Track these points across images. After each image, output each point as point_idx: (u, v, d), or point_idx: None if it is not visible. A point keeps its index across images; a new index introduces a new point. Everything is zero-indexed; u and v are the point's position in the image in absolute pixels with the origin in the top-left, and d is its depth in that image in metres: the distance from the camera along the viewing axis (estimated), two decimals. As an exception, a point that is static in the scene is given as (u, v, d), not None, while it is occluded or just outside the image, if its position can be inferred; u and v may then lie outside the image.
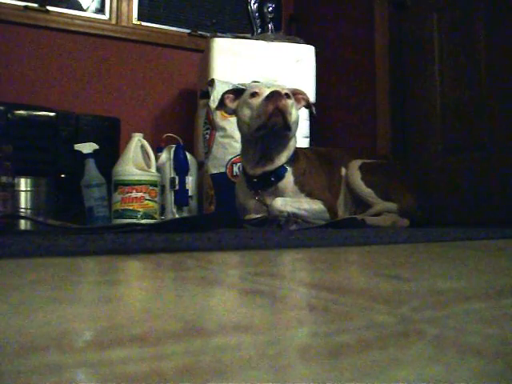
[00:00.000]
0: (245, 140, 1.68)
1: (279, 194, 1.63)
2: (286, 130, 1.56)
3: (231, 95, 1.69)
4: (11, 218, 1.69)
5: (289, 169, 1.65)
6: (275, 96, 1.51)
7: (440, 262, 0.68)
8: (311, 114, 1.95)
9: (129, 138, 2.11)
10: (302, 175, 1.67)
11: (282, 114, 1.51)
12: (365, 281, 0.48)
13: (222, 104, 1.71)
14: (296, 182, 1.65)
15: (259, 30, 2.65)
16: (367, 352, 0.23)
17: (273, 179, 1.63)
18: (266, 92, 1.56)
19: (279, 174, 1.64)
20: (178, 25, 3.13)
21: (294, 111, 1.60)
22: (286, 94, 1.61)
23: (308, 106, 1.75)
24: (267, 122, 1.52)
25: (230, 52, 2.40)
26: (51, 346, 0.23)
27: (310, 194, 1.65)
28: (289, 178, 1.64)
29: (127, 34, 2.99)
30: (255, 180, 1.65)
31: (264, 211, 1.63)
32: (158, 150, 2.32)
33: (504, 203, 2.04)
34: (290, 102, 1.60)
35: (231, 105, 1.68)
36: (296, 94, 1.70)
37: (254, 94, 1.59)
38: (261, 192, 1.65)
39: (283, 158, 1.65)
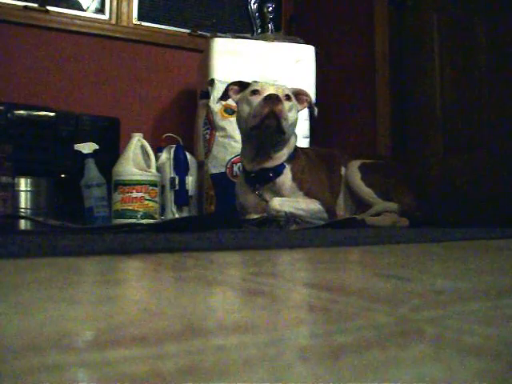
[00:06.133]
0: (242, 135, 1.70)
1: (277, 190, 1.64)
2: (279, 133, 1.57)
3: (236, 87, 1.71)
4: (11, 218, 1.69)
5: (287, 166, 1.66)
6: (272, 99, 1.52)
7: (440, 262, 0.68)
8: (311, 115, 1.95)
9: (129, 138, 2.12)
10: (300, 173, 1.67)
11: (277, 118, 1.52)
12: (365, 281, 0.48)
13: (225, 94, 1.72)
14: (294, 179, 1.65)
15: (259, 30, 2.65)
16: (367, 352, 0.23)
17: (271, 175, 1.64)
18: (267, 92, 1.57)
19: (277, 170, 1.65)
20: (178, 25, 3.13)
21: (291, 114, 1.61)
22: (287, 96, 1.61)
23: (310, 106, 1.75)
24: (261, 123, 1.54)
25: (230, 52, 2.40)
26: (51, 346, 0.23)
27: (308, 193, 1.66)
28: (287, 175, 1.65)
29: (127, 33, 2.99)
30: (253, 175, 1.66)
31: (264, 210, 1.63)
32: (158, 150, 2.32)
33: (504, 203, 2.04)
34: (289, 104, 1.60)
35: (234, 97, 1.70)
36: (299, 95, 1.70)
37: (255, 92, 1.60)
38: (259, 187, 1.66)
39: (284, 156, 1.66)
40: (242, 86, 1.70)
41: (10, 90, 2.64)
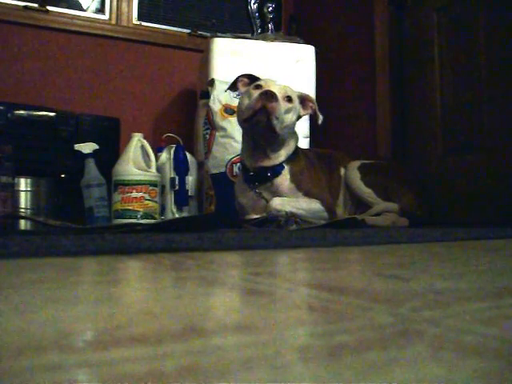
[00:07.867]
0: (240, 128, 1.71)
1: (275, 190, 1.64)
2: (269, 130, 1.55)
3: (245, 79, 1.71)
4: (11, 218, 1.69)
5: (286, 167, 1.66)
6: (267, 95, 1.52)
7: (440, 262, 0.68)
8: (315, 123, 1.90)
9: (129, 138, 2.11)
10: (299, 174, 1.67)
11: (268, 114, 1.52)
12: (365, 281, 0.48)
13: (234, 85, 1.72)
14: (292, 181, 1.65)
15: (259, 30, 2.65)
16: (367, 352, 0.23)
17: (269, 175, 1.64)
18: (268, 88, 1.57)
19: (276, 170, 1.65)
20: (178, 25, 3.13)
21: (288, 116, 1.59)
22: (288, 97, 1.61)
23: (314, 113, 1.74)
24: (252, 117, 1.54)
25: (230, 52, 2.40)
26: (51, 346, 0.23)
27: (308, 194, 1.66)
28: (285, 176, 1.65)
29: (127, 33, 2.99)
30: (252, 173, 1.67)
31: (263, 210, 1.63)
32: (158, 150, 2.32)
33: (504, 203, 2.04)
34: (288, 106, 1.59)
35: (242, 88, 1.70)
36: (305, 100, 1.70)
37: (258, 87, 1.60)
38: (258, 186, 1.66)
39: (282, 156, 1.65)
40: (251, 79, 1.70)
41: (10, 90, 2.64)
